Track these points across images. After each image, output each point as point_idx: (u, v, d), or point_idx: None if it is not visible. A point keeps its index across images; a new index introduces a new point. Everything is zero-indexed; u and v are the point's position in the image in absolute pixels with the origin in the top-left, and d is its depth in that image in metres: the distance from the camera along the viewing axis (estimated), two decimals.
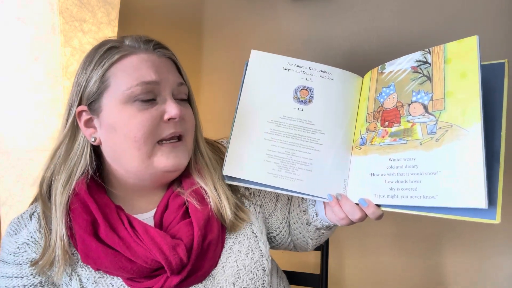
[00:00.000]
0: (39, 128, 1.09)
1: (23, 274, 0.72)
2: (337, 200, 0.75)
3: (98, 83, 0.71)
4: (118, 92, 0.70)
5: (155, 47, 0.75)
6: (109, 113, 0.71)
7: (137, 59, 0.72)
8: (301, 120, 0.79)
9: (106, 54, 0.72)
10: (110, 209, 0.73)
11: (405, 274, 1.31)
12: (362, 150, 0.75)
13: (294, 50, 1.37)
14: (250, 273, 0.76)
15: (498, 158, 0.59)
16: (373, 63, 1.27)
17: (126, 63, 0.71)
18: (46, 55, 1.09)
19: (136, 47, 0.73)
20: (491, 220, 0.57)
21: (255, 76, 0.82)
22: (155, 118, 0.70)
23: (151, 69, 0.71)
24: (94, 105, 0.73)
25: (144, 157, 0.71)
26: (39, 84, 1.09)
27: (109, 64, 0.71)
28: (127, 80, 0.70)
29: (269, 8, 1.40)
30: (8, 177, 1.12)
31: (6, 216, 1.14)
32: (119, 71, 0.71)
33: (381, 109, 0.74)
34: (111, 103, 0.71)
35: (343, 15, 1.32)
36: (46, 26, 1.08)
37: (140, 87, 0.70)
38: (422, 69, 0.69)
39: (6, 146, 1.11)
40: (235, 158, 0.79)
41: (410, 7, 1.25)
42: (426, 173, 0.64)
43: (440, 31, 1.23)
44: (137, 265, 0.69)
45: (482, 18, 1.20)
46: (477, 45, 0.62)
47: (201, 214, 0.74)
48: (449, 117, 0.63)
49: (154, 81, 0.71)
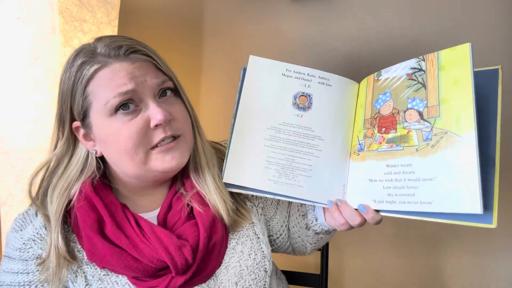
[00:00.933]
0: (39, 128, 1.10)
1: (29, 270, 0.73)
2: (337, 206, 0.76)
3: (81, 101, 0.70)
4: (100, 107, 0.69)
5: (127, 53, 0.70)
6: (98, 128, 0.71)
7: (110, 70, 0.69)
8: (300, 126, 0.79)
9: (81, 69, 0.70)
10: (116, 207, 0.73)
11: (405, 274, 1.32)
12: (360, 156, 0.76)
13: (293, 51, 1.37)
14: (252, 273, 0.77)
15: (493, 163, 0.60)
16: (372, 64, 1.29)
17: (101, 76, 0.69)
18: (46, 55, 1.09)
19: (108, 56, 0.69)
20: (487, 225, 0.58)
21: (253, 82, 0.82)
22: (141, 127, 0.69)
23: (125, 78, 0.68)
24: (86, 121, 0.72)
25: (139, 165, 0.71)
26: (39, 84, 1.09)
27: (86, 81, 0.69)
28: (104, 93, 0.68)
29: (268, 8, 1.39)
30: (8, 177, 1.12)
31: (6, 216, 1.14)
32: (96, 87, 0.69)
33: (378, 116, 0.74)
34: (97, 118, 0.70)
35: (342, 16, 1.32)
36: (46, 26, 1.08)
37: (118, 98, 0.68)
38: (417, 76, 0.70)
39: (6, 146, 1.12)
40: (234, 165, 0.78)
41: (410, 7, 1.25)
42: (422, 179, 0.65)
43: (440, 32, 1.23)
44: (143, 264, 0.69)
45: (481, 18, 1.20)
46: (470, 52, 0.63)
47: (206, 216, 0.75)
48: (444, 124, 0.64)
49: (131, 90, 0.68)
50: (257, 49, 1.41)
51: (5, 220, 1.14)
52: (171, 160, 0.71)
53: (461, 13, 1.21)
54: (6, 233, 0.77)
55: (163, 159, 0.71)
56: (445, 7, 1.22)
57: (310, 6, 1.34)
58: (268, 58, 0.84)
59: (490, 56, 1.17)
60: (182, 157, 0.73)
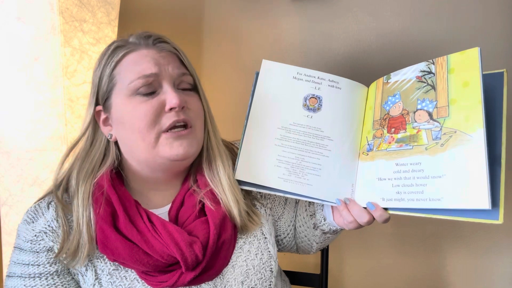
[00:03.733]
0: (39, 128, 1.09)
1: (40, 262, 0.73)
2: (345, 204, 0.77)
3: (107, 82, 0.76)
4: (123, 87, 0.75)
5: (155, 42, 0.79)
6: (117, 107, 0.76)
7: (138, 54, 0.76)
8: (310, 127, 0.82)
9: (112, 54, 0.77)
10: (130, 202, 0.75)
11: (405, 274, 1.32)
12: (369, 156, 0.78)
13: (293, 50, 1.38)
14: (258, 273, 0.78)
15: (499, 161, 0.63)
16: (372, 64, 1.30)
17: (129, 60, 0.76)
18: (46, 55, 1.08)
19: (137, 44, 0.78)
20: (494, 221, 0.60)
21: (265, 85, 0.85)
22: (156, 108, 0.73)
23: (151, 62, 0.75)
24: (107, 103, 0.77)
25: (149, 147, 0.73)
26: (39, 84, 1.08)
27: (115, 63, 0.76)
28: (129, 75, 0.74)
29: (268, 9, 1.40)
30: (8, 177, 1.11)
31: (6, 216, 1.13)
32: (123, 68, 0.76)
33: (387, 117, 0.77)
34: (118, 98, 0.75)
35: (342, 16, 1.32)
36: (46, 26, 1.08)
37: (141, 80, 0.73)
38: (426, 79, 0.72)
39: (6, 146, 1.11)
40: (246, 163, 0.81)
41: (410, 8, 1.26)
42: (431, 177, 0.67)
43: (440, 32, 1.24)
44: (154, 259, 0.70)
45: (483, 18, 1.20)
46: (479, 56, 0.66)
47: (217, 213, 0.76)
48: (453, 123, 0.66)
49: (154, 73, 0.74)
50: (257, 49, 1.41)
51: (5, 220, 1.13)
52: (179, 147, 0.74)
53: (462, 14, 1.21)
54: (18, 225, 0.78)
55: (172, 145, 0.74)
56: (446, 7, 1.23)
57: (310, 6, 1.34)
58: (268, 57, 0.87)
59: (492, 57, 1.18)
60: (190, 146, 0.75)
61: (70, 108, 1.10)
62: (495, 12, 1.19)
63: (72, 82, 1.11)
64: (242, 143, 0.82)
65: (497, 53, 1.18)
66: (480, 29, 1.20)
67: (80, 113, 1.11)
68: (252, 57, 1.43)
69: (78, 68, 1.12)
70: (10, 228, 1.13)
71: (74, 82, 1.11)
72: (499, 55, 1.19)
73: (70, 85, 1.10)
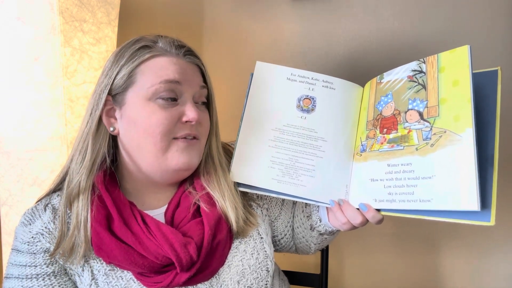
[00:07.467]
0: (39, 128, 1.09)
1: (37, 263, 0.74)
2: (339, 205, 0.77)
3: (125, 78, 0.75)
4: (142, 88, 0.74)
5: (186, 53, 0.79)
6: (132, 107, 0.75)
7: (166, 60, 0.75)
8: (304, 128, 0.81)
9: (138, 52, 0.76)
10: (124, 204, 0.75)
11: (405, 274, 1.32)
12: (363, 157, 0.78)
13: (293, 51, 1.37)
14: (254, 272, 0.78)
15: (492, 162, 0.61)
16: (372, 65, 1.29)
17: (155, 63, 0.75)
18: (46, 55, 1.09)
19: (168, 50, 0.77)
20: (486, 222, 0.59)
21: (260, 86, 0.85)
22: (174, 117, 0.74)
23: (176, 70, 0.75)
24: (118, 97, 0.76)
25: (159, 153, 0.74)
26: (39, 84, 1.09)
27: (139, 62, 0.75)
28: (152, 78, 0.74)
29: (268, 9, 1.40)
30: (8, 177, 1.12)
31: (6, 216, 1.14)
32: (147, 69, 0.75)
33: (380, 117, 0.76)
34: (135, 98, 0.74)
35: (342, 16, 1.32)
36: (46, 26, 1.08)
37: (163, 84, 0.73)
38: (417, 78, 0.72)
39: (6, 146, 1.11)
40: (240, 164, 0.82)
41: (410, 9, 1.26)
42: (421, 178, 0.66)
43: (440, 32, 1.23)
44: (148, 261, 0.71)
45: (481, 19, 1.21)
46: (469, 54, 0.65)
47: (212, 215, 0.76)
48: (443, 123, 0.66)
49: (177, 80, 0.74)
50: (257, 49, 1.41)
51: (5, 220, 1.14)
52: (188, 155, 0.76)
53: (461, 14, 1.21)
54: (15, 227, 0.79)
55: (182, 152, 0.75)
56: (445, 8, 1.23)
57: (310, 6, 1.34)
58: (268, 58, 0.86)
59: (489, 57, 1.18)
60: (195, 157, 0.78)
61: (70, 108, 1.10)
62: (494, 12, 1.19)
63: (72, 82, 1.11)
64: (236, 144, 0.83)
65: (497, 53, 1.18)
66: (480, 29, 1.20)
67: (80, 113, 1.11)
68: (251, 57, 1.43)
69: (78, 68, 1.12)
70: (10, 228, 1.13)
71: (74, 82, 1.11)
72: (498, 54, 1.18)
73: (70, 85, 1.11)
